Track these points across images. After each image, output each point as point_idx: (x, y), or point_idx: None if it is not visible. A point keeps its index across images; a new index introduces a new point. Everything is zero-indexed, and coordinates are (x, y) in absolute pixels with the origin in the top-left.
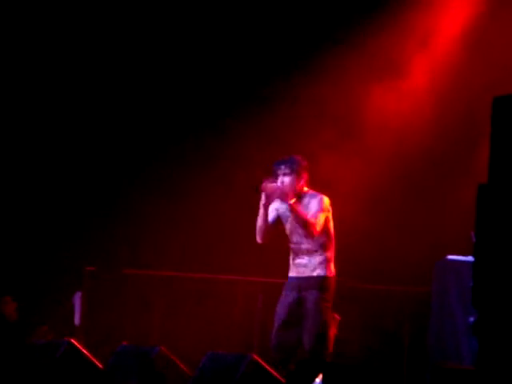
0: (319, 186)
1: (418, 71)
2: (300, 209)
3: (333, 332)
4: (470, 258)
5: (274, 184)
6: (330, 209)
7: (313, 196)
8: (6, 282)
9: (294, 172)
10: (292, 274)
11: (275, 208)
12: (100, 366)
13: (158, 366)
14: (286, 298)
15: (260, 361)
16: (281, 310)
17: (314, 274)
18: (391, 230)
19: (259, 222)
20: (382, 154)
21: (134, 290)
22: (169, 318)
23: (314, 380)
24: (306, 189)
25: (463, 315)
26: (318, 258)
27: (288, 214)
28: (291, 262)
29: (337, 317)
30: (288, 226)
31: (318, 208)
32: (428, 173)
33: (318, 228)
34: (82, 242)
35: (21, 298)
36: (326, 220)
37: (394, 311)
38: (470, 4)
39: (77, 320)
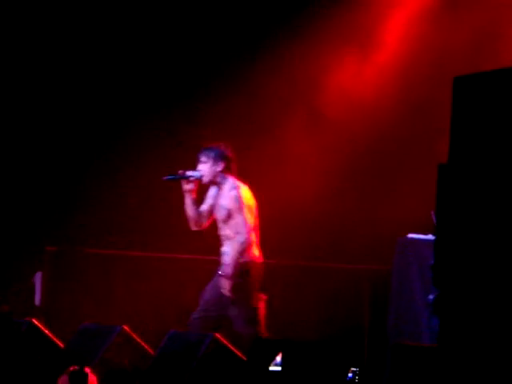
0: (284, 163)
1: (384, 45)
2: (229, 268)
3: (262, 312)
4: (430, 237)
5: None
6: (247, 195)
7: (230, 188)
8: None
9: (210, 160)
10: (221, 260)
11: (211, 195)
12: (61, 345)
13: (119, 344)
14: (212, 282)
15: (222, 339)
16: (206, 293)
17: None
18: (352, 207)
19: (187, 210)
20: (345, 130)
21: (95, 270)
22: (130, 297)
23: (274, 358)
24: (226, 177)
25: (423, 293)
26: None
27: (214, 197)
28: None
29: (263, 296)
30: (214, 212)
31: (237, 210)
32: (390, 151)
33: (248, 233)
34: (43, 221)
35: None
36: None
37: (354, 289)
38: None
39: (37, 300)
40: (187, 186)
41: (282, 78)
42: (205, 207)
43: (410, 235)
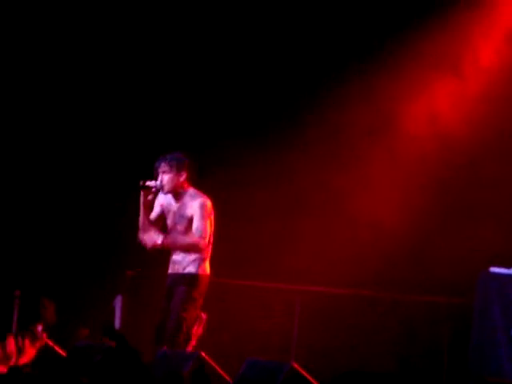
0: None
1: (472, 75)
2: (175, 240)
3: (197, 330)
4: None
5: (146, 236)
6: (212, 210)
7: (193, 197)
8: (47, 285)
9: (173, 169)
10: (169, 270)
11: (159, 203)
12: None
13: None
14: (162, 299)
15: (299, 369)
16: (158, 311)
17: (186, 271)
18: (434, 238)
19: (141, 220)
20: (427, 159)
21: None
22: (209, 323)
23: None
24: (187, 187)
25: (505, 329)
26: (191, 256)
27: (171, 208)
28: (170, 258)
29: (203, 315)
30: (168, 222)
31: (201, 217)
32: (473, 182)
33: (205, 240)
34: (123, 245)
35: (62, 301)
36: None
37: (433, 323)
38: None
39: (117, 323)
40: (147, 198)
41: (369, 107)
42: (154, 215)
43: (493, 269)
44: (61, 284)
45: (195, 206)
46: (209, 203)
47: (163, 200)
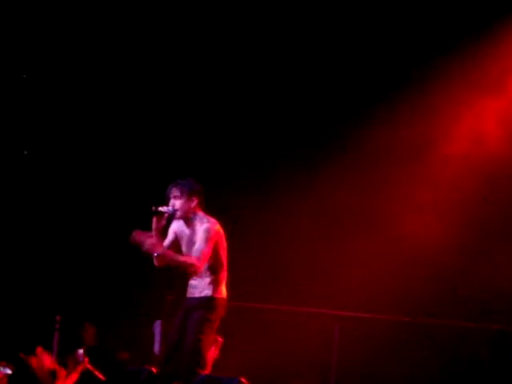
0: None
1: None
2: (173, 255)
3: (213, 353)
4: None
5: (144, 234)
6: (220, 232)
7: (201, 221)
8: (88, 309)
9: (184, 195)
10: (186, 295)
11: (173, 230)
12: None
13: None
14: (176, 320)
15: None
16: (171, 330)
17: (202, 294)
18: (474, 263)
19: None
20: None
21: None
22: (246, 348)
23: None
24: (197, 212)
25: None
26: (207, 279)
27: (183, 234)
28: (188, 283)
29: (219, 339)
30: (183, 248)
31: (202, 239)
32: None
33: (202, 262)
34: (163, 270)
35: (102, 324)
36: (216, 245)
37: (476, 349)
38: None
39: (156, 348)
40: (160, 223)
41: (412, 128)
42: (167, 242)
43: None
44: (101, 308)
45: (200, 230)
46: (215, 227)
47: (176, 227)
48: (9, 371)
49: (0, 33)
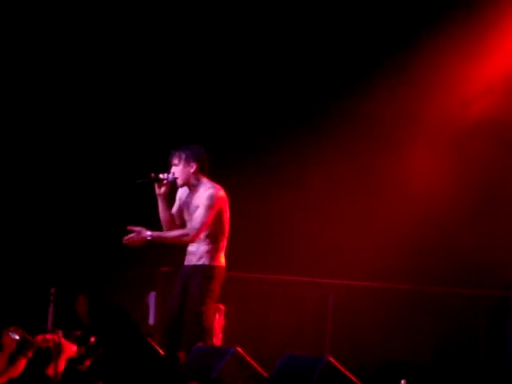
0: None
1: None
2: (163, 235)
3: (218, 322)
4: None
5: (130, 236)
6: (224, 199)
7: (205, 187)
8: (79, 282)
9: (182, 162)
10: (184, 262)
11: (179, 197)
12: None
13: (232, 365)
14: (176, 287)
15: (336, 363)
16: (170, 300)
17: (200, 262)
18: (472, 230)
19: (161, 214)
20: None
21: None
22: (241, 318)
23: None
24: (201, 179)
25: None
26: (205, 247)
27: (187, 200)
28: (186, 250)
29: (221, 307)
30: (185, 215)
31: (204, 206)
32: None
33: (199, 231)
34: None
35: (96, 297)
36: (219, 212)
37: (471, 315)
38: None
39: (151, 320)
40: (160, 190)
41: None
42: (175, 209)
43: None
44: (95, 281)
45: (203, 196)
46: (219, 194)
47: (181, 193)
48: (17, 337)
49: None
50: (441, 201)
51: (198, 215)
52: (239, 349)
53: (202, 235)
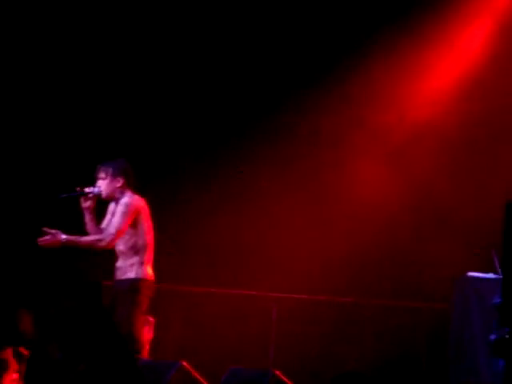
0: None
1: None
2: (77, 239)
3: (147, 334)
4: (490, 275)
5: (44, 238)
6: (143, 209)
7: (124, 197)
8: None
9: (109, 176)
10: (113, 278)
11: (110, 210)
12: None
13: (178, 380)
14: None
15: (281, 376)
16: None
17: (124, 276)
18: (412, 244)
19: (87, 228)
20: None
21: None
22: (186, 332)
23: None
24: (126, 192)
25: (484, 333)
26: (129, 261)
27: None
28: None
29: (151, 319)
30: (105, 225)
31: (118, 213)
32: (450, 191)
33: (114, 236)
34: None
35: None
36: (137, 222)
37: (412, 328)
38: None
39: None
40: (86, 203)
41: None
42: (106, 223)
43: (470, 273)
44: (37, 295)
45: (118, 204)
46: (135, 202)
47: (111, 207)
48: None
49: None
50: (384, 213)
51: (113, 222)
52: (184, 363)
53: (125, 249)
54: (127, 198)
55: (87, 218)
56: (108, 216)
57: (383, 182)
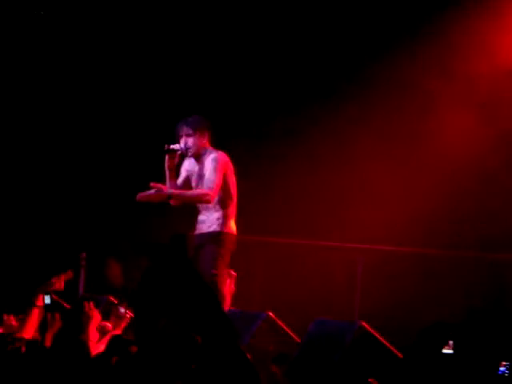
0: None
1: None
2: (183, 193)
3: (229, 288)
4: None
5: (148, 192)
6: (229, 164)
7: (210, 153)
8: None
9: (197, 132)
10: (195, 231)
11: (185, 168)
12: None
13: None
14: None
15: (368, 327)
16: None
17: (210, 229)
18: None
19: (167, 184)
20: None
21: (237, 256)
22: (271, 283)
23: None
24: (208, 148)
25: None
26: (215, 214)
27: (194, 171)
28: (196, 219)
29: (233, 273)
30: (193, 184)
31: (211, 169)
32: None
33: (214, 191)
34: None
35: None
36: (224, 177)
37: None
38: None
39: None
40: (172, 161)
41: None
42: (180, 180)
43: None
44: (125, 246)
45: (208, 161)
46: (223, 157)
47: (187, 164)
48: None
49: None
50: (471, 162)
51: (207, 178)
52: (270, 313)
53: (212, 202)
54: (216, 154)
55: (169, 176)
56: (182, 174)
57: (474, 134)
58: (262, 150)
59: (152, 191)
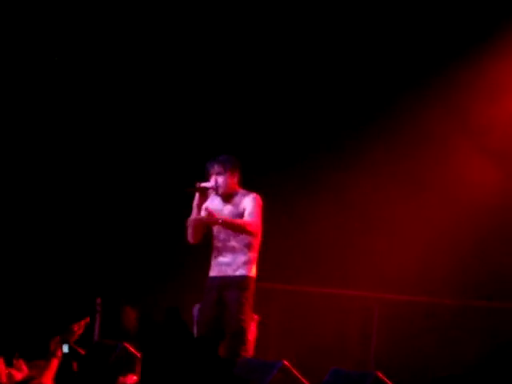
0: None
1: None
2: (232, 219)
3: (253, 332)
4: None
5: (198, 217)
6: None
7: (244, 194)
8: (125, 293)
9: (228, 171)
10: (213, 273)
11: (205, 207)
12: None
13: (280, 379)
14: (209, 298)
15: (384, 378)
16: (204, 311)
17: (237, 273)
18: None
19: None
20: None
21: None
22: (286, 332)
23: None
24: (238, 189)
25: None
26: (242, 258)
27: (223, 212)
28: (213, 260)
29: (256, 317)
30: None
31: (253, 204)
32: None
33: (255, 226)
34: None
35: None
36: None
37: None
38: None
39: (195, 331)
40: (203, 198)
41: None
42: None
43: None
44: (143, 292)
45: (247, 200)
46: (259, 198)
47: (209, 203)
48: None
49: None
50: (489, 212)
51: (250, 212)
52: (286, 362)
53: (239, 246)
54: (255, 194)
55: (195, 213)
56: (202, 213)
57: (490, 181)
58: (275, 198)
59: (204, 215)
